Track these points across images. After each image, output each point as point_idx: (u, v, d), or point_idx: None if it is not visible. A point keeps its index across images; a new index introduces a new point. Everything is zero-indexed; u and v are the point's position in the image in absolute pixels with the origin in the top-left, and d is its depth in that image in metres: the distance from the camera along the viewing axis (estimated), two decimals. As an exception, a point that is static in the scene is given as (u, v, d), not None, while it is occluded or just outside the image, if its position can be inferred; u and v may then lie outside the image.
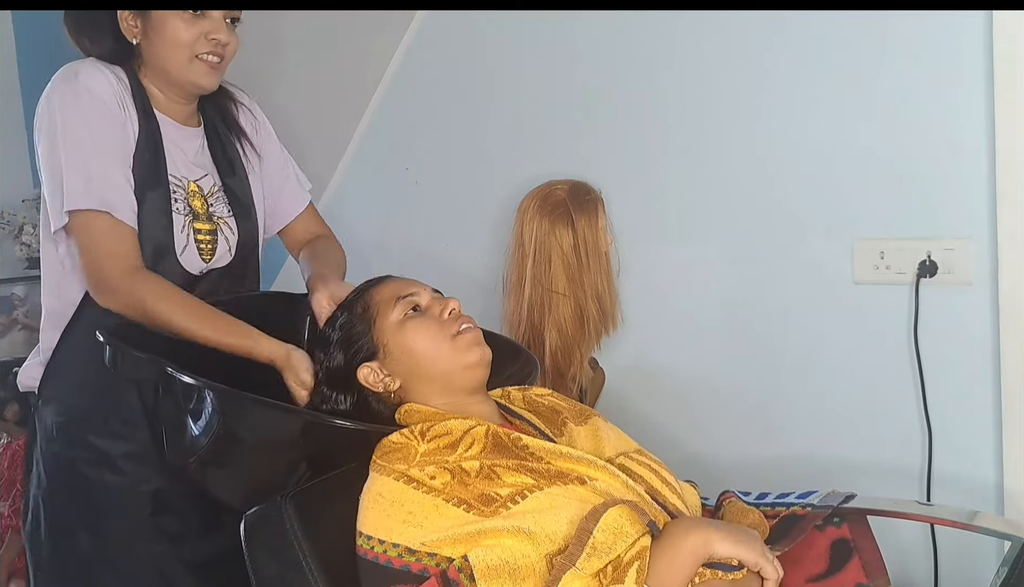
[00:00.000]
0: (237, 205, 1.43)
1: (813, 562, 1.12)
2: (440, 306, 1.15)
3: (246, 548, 1.04)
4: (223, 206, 1.41)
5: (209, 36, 1.31)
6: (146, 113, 1.33)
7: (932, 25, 1.56)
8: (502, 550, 0.91)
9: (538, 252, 1.68)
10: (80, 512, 1.33)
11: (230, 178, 1.43)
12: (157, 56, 1.32)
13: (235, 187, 1.43)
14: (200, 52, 1.31)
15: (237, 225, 1.42)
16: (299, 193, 1.57)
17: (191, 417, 1.13)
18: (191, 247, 1.35)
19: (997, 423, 1.56)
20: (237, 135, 1.47)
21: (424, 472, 0.99)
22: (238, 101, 1.49)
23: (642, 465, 1.09)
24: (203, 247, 1.36)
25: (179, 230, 1.33)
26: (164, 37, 1.29)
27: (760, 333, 1.76)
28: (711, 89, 1.77)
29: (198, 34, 1.30)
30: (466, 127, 2.03)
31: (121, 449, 1.31)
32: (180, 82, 1.34)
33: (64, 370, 1.34)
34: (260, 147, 1.50)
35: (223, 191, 1.42)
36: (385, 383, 1.13)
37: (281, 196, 1.55)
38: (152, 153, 1.32)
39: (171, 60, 1.31)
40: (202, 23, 1.30)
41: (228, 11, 1.32)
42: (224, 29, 1.32)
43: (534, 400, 1.22)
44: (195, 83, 1.34)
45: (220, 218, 1.40)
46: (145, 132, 1.32)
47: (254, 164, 1.49)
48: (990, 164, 1.53)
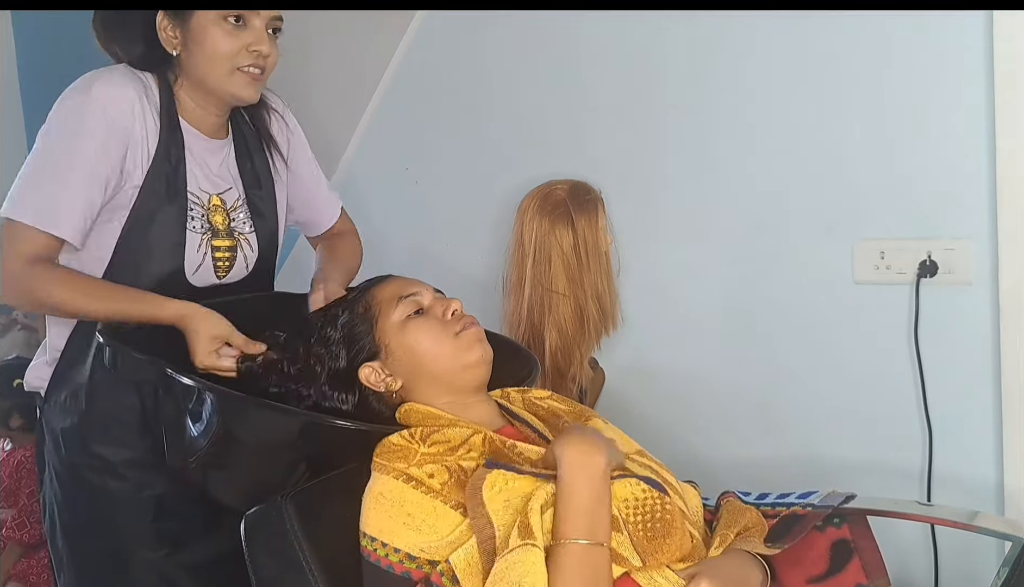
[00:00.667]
0: (259, 220, 1.40)
1: (813, 563, 1.12)
2: (442, 307, 1.15)
3: (246, 548, 1.04)
4: (245, 221, 1.39)
5: (251, 48, 1.27)
6: (171, 125, 1.30)
7: (932, 25, 1.56)
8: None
9: (538, 252, 1.68)
10: (88, 517, 1.33)
11: (255, 192, 1.40)
12: (197, 67, 1.28)
13: (259, 202, 1.41)
14: (242, 64, 1.27)
15: (258, 241, 1.40)
16: (332, 200, 1.57)
17: (191, 418, 1.13)
18: (207, 265, 1.33)
19: (997, 423, 1.56)
20: (267, 145, 1.44)
21: (423, 470, 0.99)
22: (272, 108, 1.46)
23: (643, 467, 1.09)
24: (220, 264, 1.35)
25: (195, 248, 1.31)
26: (204, 49, 1.26)
27: (760, 333, 1.76)
28: (711, 89, 1.77)
29: (239, 46, 1.26)
30: (466, 127, 2.03)
31: (123, 456, 1.31)
32: (220, 94, 1.31)
33: (68, 375, 1.34)
34: (290, 157, 1.48)
35: (247, 204, 1.39)
36: (386, 383, 1.13)
37: (315, 202, 1.54)
38: (172, 167, 1.29)
39: (211, 72, 1.28)
40: (243, 34, 1.26)
41: (270, 21, 1.29)
42: (266, 40, 1.28)
43: (534, 403, 1.22)
44: (235, 95, 1.31)
45: (241, 234, 1.38)
46: (167, 145, 1.28)
47: (282, 174, 1.47)
48: (990, 164, 1.53)
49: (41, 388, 1.37)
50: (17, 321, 2.79)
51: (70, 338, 1.33)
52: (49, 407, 1.35)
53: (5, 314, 2.74)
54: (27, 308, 1.25)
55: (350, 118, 2.15)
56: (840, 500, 1.16)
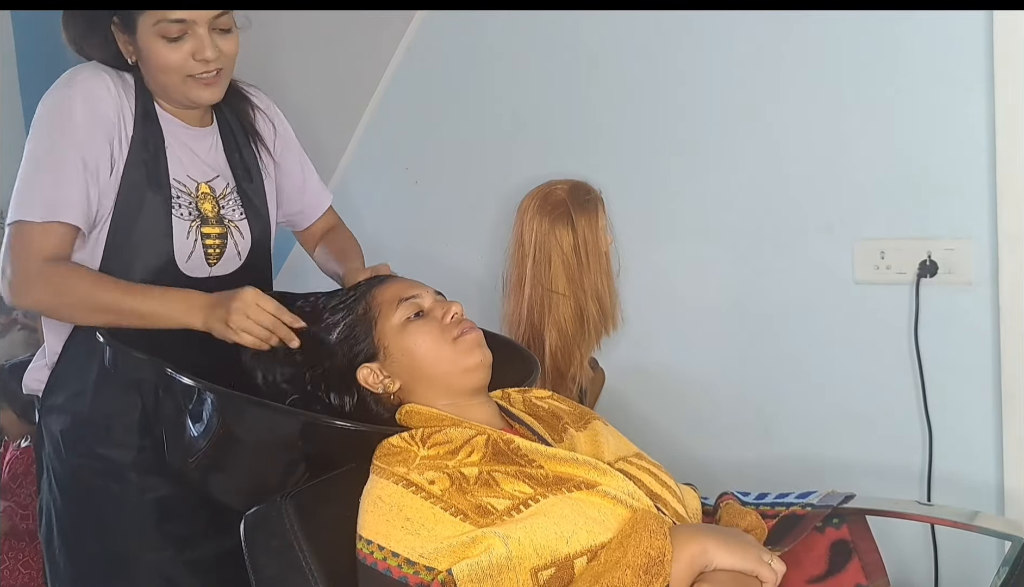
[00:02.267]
0: (251, 210, 1.40)
1: (813, 563, 1.12)
2: (443, 310, 1.15)
3: (246, 548, 1.04)
4: (235, 209, 1.38)
5: (197, 56, 1.25)
6: (146, 115, 1.30)
7: (932, 25, 1.56)
8: (489, 556, 0.91)
9: (538, 252, 1.68)
10: (88, 520, 1.32)
11: (246, 183, 1.40)
12: (152, 79, 1.29)
13: (251, 193, 1.41)
14: (192, 73, 1.26)
15: (250, 229, 1.40)
16: (321, 191, 1.57)
17: (191, 418, 1.13)
18: (198, 252, 1.32)
19: (997, 423, 1.56)
20: (253, 140, 1.44)
21: (423, 476, 0.99)
22: (255, 105, 1.45)
23: (641, 469, 1.09)
24: (211, 251, 1.34)
25: (184, 236, 1.30)
26: (151, 63, 1.25)
27: (760, 333, 1.76)
28: (711, 90, 1.77)
29: (183, 56, 1.24)
30: (466, 127, 2.03)
31: (125, 458, 1.30)
32: (179, 99, 1.31)
33: (68, 378, 1.33)
34: (277, 152, 1.48)
35: (237, 194, 1.39)
36: (385, 384, 1.13)
37: (304, 195, 1.53)
38: (152, 155, 1.29)
39: (164, 82, 1.27)
40: (185, 45, 1.24)
41: (211, 22, 1.25)
42: (209, 46, 1.24)
43: (534, 404, 1.22)
44: (193, 100, 1.30)
45: (231, 221, 1.37)
46: (142, 134, 1.29)
47: (269, 169, 1.47)
48: (990, 164, 1.53)
49: (39, 391, 1.37)
50: (17, 321, 2.78)
51: (68, 340, 1.33)
52: (48, 410, 1.35)
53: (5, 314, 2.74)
54: (46, 308, 1.24)
55: (350, 118, 2.15)
56: (839, 500, 1.16)
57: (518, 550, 0.92)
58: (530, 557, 0.92)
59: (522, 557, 0.92)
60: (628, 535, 0.93)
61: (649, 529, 0.93)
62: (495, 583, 0.90)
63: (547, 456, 1.03)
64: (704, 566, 0.93)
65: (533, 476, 1.00)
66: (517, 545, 0.92)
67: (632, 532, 0.93)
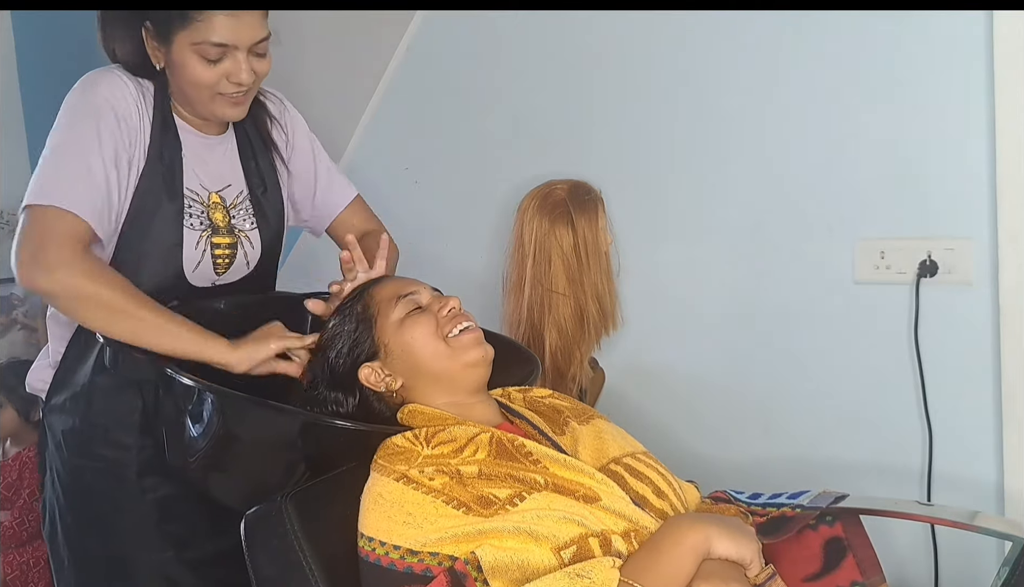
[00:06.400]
0: (262, 219, 1.40)
1: (807, 561, 1.12)
2: (439, 304, 1.15)
3: (246, 548, 1.04)
4: (246, 218, 1.38)
5: (231, 78, 1.25)
6: (164, 124, 1.29)
7: (932, 25, 1.56)
8: (511, 553, 0.91)
9: (538, 252, 1.68)
10: (89, 520, 1.33)
11: (260, 192, 1.40)
12: (179, 90, 1.28)
13: (263, 201, 1.40)
14: (223, 92, 1.26)
15: (260, 239, 1.39)
16: (344, 186, 1.53)
17: (191, 418, 1.13)
18: (206, 262, 1.32)
19: (997, 423, 1.56)
20: (270, 148, 1.43)
21: (423, 473, 0.99)
22: (271, 114, 1.44)
23: (649, 467, 1.09)
24: (219, 261, 1.34)
25: (193, 246, 1.30)
26: (184, 76, 1.24)
27: (760, 333, 1.76)
28: (711, 90, 1.77)
29: (219, 76, 1.24)
30: (466, 127, 2.03)
31: (126, 458, 1.30)
32: (203, 113, 1.31)
33: (70, 378, 1.33)
34: (289, 160, 1.47)
35: (249, 202, 1.38)
36: (386, 383, 1.13)
37: (320, 192, 1.50)
38: (167, 166, 1.29)
39: (192, 96, 1.27)
40: (221, 66, 1.23)
41: (253, 47, 1.24)
42: (246, 70, 1.24)
43: (535, 401, 1.22)
44: (219, 117, 1.30)
45: (241, 231, 1.37)
46: (159, 144, 1.28)
47: (283, 178, 1.46)
48: (990, 164, 1.53)
49: (43, 391, 1.37)
50: (17, 321, 2.79)
51: (71, 340, 1.33)
52: (51, 409, 1.35)
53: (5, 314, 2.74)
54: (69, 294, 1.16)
55: (350, 118, 2.15)
56: (830, 500, 1.16)
57: (535, 539, 0.92)
58: (549, 538, 0.93)
59: (540, 541, 0.93)
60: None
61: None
62: (522, 566, 0.91)
63: (554, 460, 1.02)
64: (707, 554, 0.94)
65: (536, 479, 1.00)
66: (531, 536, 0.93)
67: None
